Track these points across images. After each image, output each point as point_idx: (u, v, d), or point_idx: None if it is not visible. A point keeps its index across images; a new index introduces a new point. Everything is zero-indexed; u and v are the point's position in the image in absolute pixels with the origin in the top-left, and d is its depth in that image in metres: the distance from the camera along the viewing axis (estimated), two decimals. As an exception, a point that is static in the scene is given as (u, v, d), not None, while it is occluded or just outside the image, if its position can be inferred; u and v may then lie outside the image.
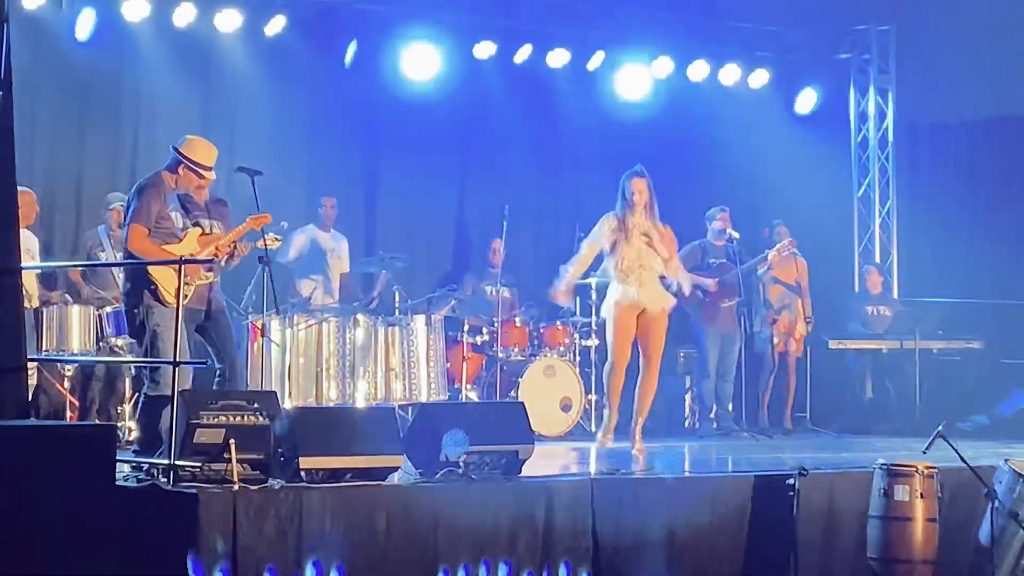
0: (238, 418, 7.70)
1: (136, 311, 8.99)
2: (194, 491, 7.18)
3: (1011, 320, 14.32)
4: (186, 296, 8.61)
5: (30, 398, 10.20)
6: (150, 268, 8.83)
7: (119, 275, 11.26)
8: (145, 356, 8.96)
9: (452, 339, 12.74)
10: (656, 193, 10.61)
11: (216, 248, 9.17)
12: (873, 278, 15.01)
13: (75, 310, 11.23)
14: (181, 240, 9.07)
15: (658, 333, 10.53)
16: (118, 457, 6.96)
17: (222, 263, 9.27)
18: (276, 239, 9.67)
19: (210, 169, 9.22)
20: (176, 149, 9.20)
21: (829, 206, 15.69)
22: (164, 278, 8.84)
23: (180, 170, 9.16)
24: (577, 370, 12.99)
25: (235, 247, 9.26)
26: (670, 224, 10.81)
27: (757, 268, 13.52)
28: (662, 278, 10.63)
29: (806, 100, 15.83)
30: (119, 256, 11.25)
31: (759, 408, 13.94)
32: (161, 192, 9.11)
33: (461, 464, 8.14)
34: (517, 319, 13.20)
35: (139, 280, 8.97)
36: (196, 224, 9.19)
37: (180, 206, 9.19)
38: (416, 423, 8.60)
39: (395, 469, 8.06)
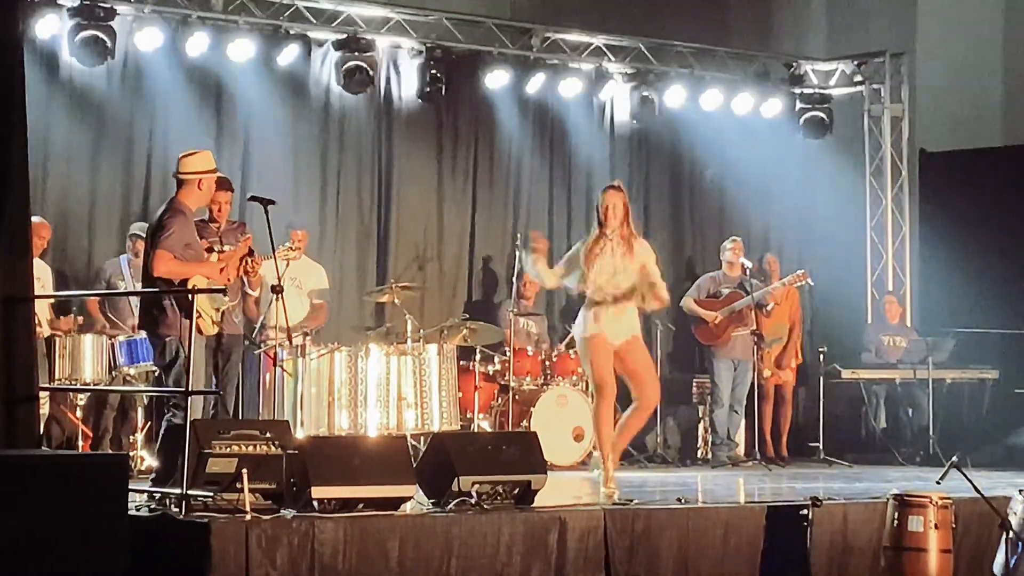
0: (250, 448, 7.70)
1: (169, 339, 8.67)
2: (206, 521, 7.17)
3: (1026, 350, 14.26)
4: (217, 324, 8.62)
5: (43, 427, 10.24)
6: (197, 299, 8.54)
7: (137, 305, 11.22)
8: (174, 385, 8.71)
9: (464, 368, 12.70)
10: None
11: (230, 274, 9.08)
12: (892, 308, 14.89)
13: (88, 339, 11.20)
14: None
15: (638, 357, 9.64)
16: (131, 487, 6.95)
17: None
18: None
19: (215, 170, 9.09)
20: (178, 173, 9.00)
21: (842, 235, 15.65)
22: (205, 308, 8.66)
23: (200, 186, 8.94)
24: (590, 400, 12.92)
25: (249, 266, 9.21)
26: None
27: (766, 301, 13.43)
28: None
29: (819, 129, 15.77)
30: (139, 286, 11.20)
31: (778, 438, 13.90)
32: (187, 218, 8.95)
33: (474, 494, 8.12)
34: (529, 348, 13.12)
35: (182, 310, 8.59)
36: (209, 250, 9.14)
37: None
38: (428, 453, 8.58)
39: (407, 499, 8.05)
